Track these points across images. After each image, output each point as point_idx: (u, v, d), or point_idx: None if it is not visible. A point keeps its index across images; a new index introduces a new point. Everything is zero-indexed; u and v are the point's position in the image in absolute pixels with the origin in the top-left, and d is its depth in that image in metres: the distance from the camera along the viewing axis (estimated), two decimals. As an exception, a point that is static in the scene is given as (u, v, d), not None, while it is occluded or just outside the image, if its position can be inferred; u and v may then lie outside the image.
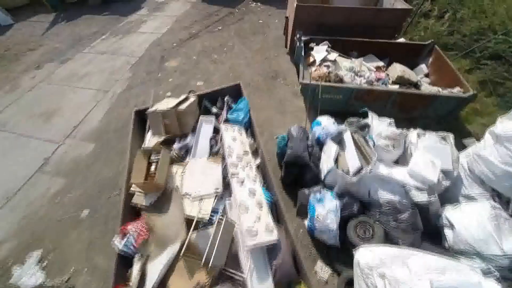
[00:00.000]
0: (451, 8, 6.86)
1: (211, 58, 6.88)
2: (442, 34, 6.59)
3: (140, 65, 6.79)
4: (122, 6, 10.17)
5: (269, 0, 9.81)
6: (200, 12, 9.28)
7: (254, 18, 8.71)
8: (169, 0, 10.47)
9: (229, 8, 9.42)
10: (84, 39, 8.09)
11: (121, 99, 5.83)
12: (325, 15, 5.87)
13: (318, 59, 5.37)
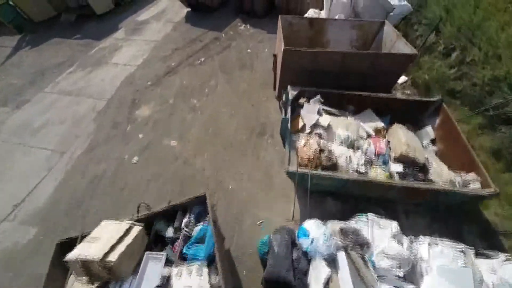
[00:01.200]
0: (459, 45, 5.81)
1: (190, 104, 5.76)
2: (449, 78, 5.60)
3: (108, 112, 5.63)
4: (97, 26, 8.86)
5: (259, 22, 8.63)
6: (182, 37, 8.03)
7: (242, 45, 7.55)
8: (150, 19, 9.18)
9: (215, 32, 8.21)
10: (48, 72, 6.84)
11: (79, 166, 4.73)
12: (317, 61, 4.82)
13: (309, 125, 4.35)
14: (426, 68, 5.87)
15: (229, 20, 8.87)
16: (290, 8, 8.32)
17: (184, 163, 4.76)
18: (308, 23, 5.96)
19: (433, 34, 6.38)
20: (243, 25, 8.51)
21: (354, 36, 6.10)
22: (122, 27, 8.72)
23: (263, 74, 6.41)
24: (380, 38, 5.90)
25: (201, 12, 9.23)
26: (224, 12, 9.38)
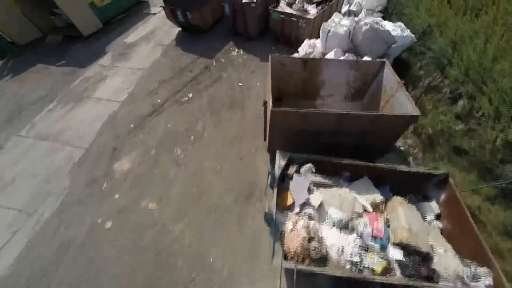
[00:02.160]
0: (466, 91, 5.10)
1: (173, 155, 5.14)
2: (455, 131, 4.95)
3: (84, 164, 5.05)
4: (84, 49, 8.12)
5: (252, 45, 7.89)
6: (171, 64, 7.30)
7: (233, 77, 6.83)
8: (139, 41, 8.45)
9: (206, 59, 7.48)
10: (26, 108, 6.21)
11: (46, 230, 4.20)
12: (309, 121, 4.21)
13: (298, 203, 3.77)
14: (430, 116, 5.21)
15: (221, 42, 8.13)
16: (285, 32, 7.57)
17: (163, 230, 4.22)
18: (301, 63, 5.27)
19: (437, 74, 5.68)
20: (235, 50, 7.78)
21: (351, 76, 5.43)
22: (109, 50, 8.00)
23: (253, 117, 5.75)
24: (380, 80, 5.24)
25: (192, 33, 8.53)
26: (217, 33, 8.60)
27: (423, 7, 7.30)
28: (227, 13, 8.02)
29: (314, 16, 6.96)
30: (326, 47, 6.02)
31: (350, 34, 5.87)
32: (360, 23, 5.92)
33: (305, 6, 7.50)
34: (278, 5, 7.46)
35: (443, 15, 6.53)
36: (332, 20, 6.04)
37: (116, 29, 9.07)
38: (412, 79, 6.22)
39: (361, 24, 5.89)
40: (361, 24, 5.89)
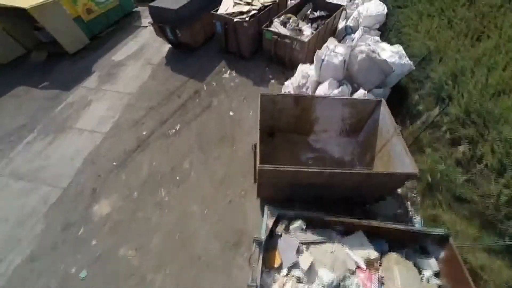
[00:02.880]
0: (467, 134, 4.64)
1: (157, 197, 4.70)
2: (456, 178, 4.54)
3: (61, 207, 4.59)
4: (69, 68, 7.51)
5: (245, 66, 7.35)
6: (159, 88, 6.75)
7: (224, 105, 6.28)
8: (128, 60, 7.86)
9: (196, 82, 6.92)
10: (4, 140, 5.68)
11: (14, 280, 3.81)
12: (299, 178, 3.80)
13: (286, 265, 3.42)
14: (428, 161, 4.81)
15: (213, 62, 7.57)
16: (278, 53, 7.02)
17: (142, 281, 3.82)
18: (293, 101, 4.84)
19: (436, 109, 5.26)
20: (227, 71, 7.25)
21: (346, 113, 5.03)
22: (96, 70, 7.44)
23: (244, 154, 5.26)
24: (376, 118, 4.85)
25: (183, 51, 7.98)
26: (208, 50, 8.02)
27: (422, 27, 6.80)
28: (218, 31, 7.46)
29: (308, 38, 6.44)
30: (320, 76, 5.54)
31: (345, 63, 5.40)
32: (356, 51, 5.44)
33: (299, 25, 6.95)
34: (271, 24, 6.90)
35: (443, 39, 6.06)
36: (326, 46, 5.54)
37: (105, 45, 8.49)
38: (411, 109, 5.76)
39: (357, 52, 5.41)
40: (357, 52, 5.41)
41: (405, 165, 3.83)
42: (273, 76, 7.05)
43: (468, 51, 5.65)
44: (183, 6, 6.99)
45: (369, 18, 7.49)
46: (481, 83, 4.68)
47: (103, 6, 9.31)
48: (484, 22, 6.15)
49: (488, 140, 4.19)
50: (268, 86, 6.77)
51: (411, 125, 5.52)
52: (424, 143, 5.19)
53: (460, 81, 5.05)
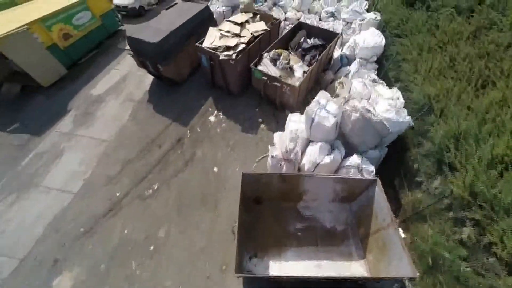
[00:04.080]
0: (471, 217, 3.77)
1: (127, 270, 4.01)
2: (460, 267, 3.84)
3: (15, 281, 3.90)
4: (44, 104, 6.59)
5: (234, 109, 6.52)
6: (138, 135, 5.87)
7: (208, 157, 5.44)
8: (108, 95, 6.89)
9: (179, 126, 6.00)
10: None
11: None
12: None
13: None
14: (430, 241, 4.12)
15: (199, 99, 6.63)
16: (269, 94, 6.12)
17: None
18: (279, 178, 4.12)
19: (438, 179, 4.50)
20: (214, 112, 6.36)
21: (338, 188, 4.48)
22: (73, 108, 6.51)
23: (227, 221, 4.51)
24: (372, 196, 4.26)
25: (168, 84, 7.10)
26: (195, 83, 7.06)
27: (423, 66, 5.85)
28: (204, 65, 6.53)
29: (300, 81, 5.55)
30: (311, 135, 4.74)
31: (337, 125, 4.57)
32: (349, 108, 4.58)
33: (291, 61, 6.02)
34: (261, 60, 5.99)
35: (444, 85, 5.21)
36: (317, 102, 4.69)
37: (84, 74, 7.53)
38: (409, 171, 4.99)
39: (350, 110, 4.57)
40: (350, 110, 4.57)
41: (403, 265, 3.21)
42: (264, 119, 6.19)
43: (472, 101, 4.85)
44: (164, 39, 6.02)
45: (366, 50, 6.56)
46: (487, 159, 3.93)
47: (83, 28, 8.27)
48: (489, 63, 5.31)
49: (496, 229, 3.52)
50: (257, 133, 5.92)
51: (410, 192, 4.78)
52: (425, 212, 4.50)
53: (463, 148, 4.30)
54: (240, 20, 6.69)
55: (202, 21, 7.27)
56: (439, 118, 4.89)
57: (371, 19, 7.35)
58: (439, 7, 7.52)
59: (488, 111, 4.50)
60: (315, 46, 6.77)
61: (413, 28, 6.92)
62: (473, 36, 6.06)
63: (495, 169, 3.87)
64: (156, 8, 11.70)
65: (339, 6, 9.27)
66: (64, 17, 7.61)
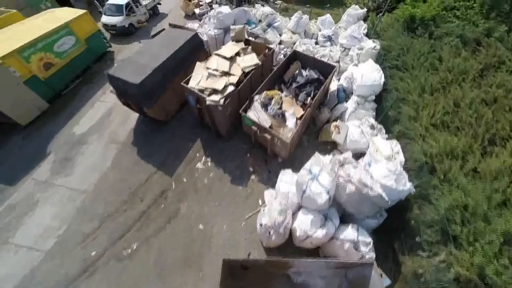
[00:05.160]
0: None
1: None
2: None
3: None
4: (21, 144, 6.05)
5: (223, 154, 5.82)
6: (119, 185, 5.33)
7: (193, 212, 4.92)
8: (90, 133, 6.26)
9: (164, 175, 5.45)
10: None
11: None
12: None
13: None
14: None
15: (186, 142, 6.05)
16: (260, 141, 5.55)
17: None
18: (266, 264, 3.62)
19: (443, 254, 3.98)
20: (202, 158, 5.71)
21: (331, 264, 3.79)
22: (52, 151, 5.91)
23: (211, 285, 4.10)
24: (368, 276, 3.66)
25: (154, 122, 6.43)
26: (182, 122, 6.48)
27: (424, 112, 5.19)
28: (191, 104, 5.94)
29: (292, 133, 4.86)
30: (302, 203, 4.19)
31: (330, 200, 3.99)
32: (342, 180, 4.03)
33: (283, 106, 5.43)
34: (251, 103, 5.40)
35: (447, 141, 4.63)
36: (308, 171, 4.10)
37: (67, 107, 6.92)
38: (410, 233, 4.41)
39: (344, 181, 4.03)
40: (344, 181, 4.03)
41: None
42: (255, 167, 5.58)
43: (479, 163, 4.30)
44: (147, 78, 5.41)
45: (364, 88, 5.95)
46: (498, 243, 3.42)
47: (66, 55, 7.62)
48: (498, 112, 4.72)
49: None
50: (247, 185, 5.34)
51: (411, 258, 4.27)
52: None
53: (470, 224, 3.79)
54: (230, 53, 6.07)
55: (191, 52, 6.65)
56: (442, 182, 4.36)
57: (370, 49, 6.72)
58: (443, 35, 6.90)
59: (497, 176, 3.99)
60: (310, 81, 6.18)
61: (414, 60, 6.31)
62: (479, 75, 5.47)
63: (508, 251, 3.37)
64: (147, 25, 11.00)
65: (337, 28, 8.62)
66: (44, 45, 6.96)
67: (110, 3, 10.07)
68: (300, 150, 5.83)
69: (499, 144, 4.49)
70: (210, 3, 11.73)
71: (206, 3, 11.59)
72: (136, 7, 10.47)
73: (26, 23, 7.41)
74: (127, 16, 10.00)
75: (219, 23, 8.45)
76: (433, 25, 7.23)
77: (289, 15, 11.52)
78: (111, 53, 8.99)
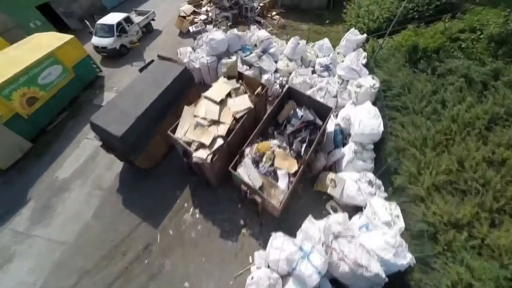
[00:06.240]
0: None
1: None
2: None
3: None
4: (2, 188, 5.65)
5: (213, 205, 5.41)
6: (101, 237, 4.96)
7: (179, 269, 4.53)
8: (74, 178, 5.83)
9: (149, 227, 5.05)
10: None
11: None
12: None
13: None
14: None
15: (174, 190, 5.64)
16: (250, 198, 5.17)
17: None
18: None
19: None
20: (190, 209, 5.30)
21: None
22: (32, 197, 5.52)
23: None
24: None
25: (140, 168, 5.92)
26: (171, 167, 6.04)
27: (426, 175, 4.67)
28: (179, 152, 5.49)
29: (284, 195, 4.39)
30: (292, 275, 3.82)
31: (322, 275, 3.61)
32: (335, 259, 3.61)
33: (275, 162, 4.93)
34: (242, 157, 4.93)
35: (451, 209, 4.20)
36: (299, 248, 3.70)
37: (52, 146, 6.48)
38: None
39: (337, 260, 3.62)
40: (337, 260, 3.62)
41: None
42: (246, 220, 5.17)
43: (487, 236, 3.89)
44: (130, 129, 4.92)
45: (362, 137, 5.48)
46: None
47: (52, 87, 7.11)
48: (506, 177, 4.26)
49: None
50: (237, 240, 4.94)
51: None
52: None
53: None
54: (220, 95, 5.57)
55: (180, 90, 6.16)
56: (445, 251, 3.97)
57: (369, 88, 6.21)
58: (446, 72, 6.36)
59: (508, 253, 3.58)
60: (305, 124, 5.71)
61: (416, 103, 5.80)
62: (485, 127, 4.98)
63: None
64: (140, 45, 10.41)
65: (335, 56, 8.05)
66: (27, 78, 6.48)
67: (100, 23, 9.47)
68: (295, 201, 5.44)
69: (509, 213, 4.05)
70: (205, 21, 11.09)
71: (201, 21, 10.96)
72: (128, 26, 9.85)
73: (8, 53, 6.90)
74: (118, 37, 9.40)
75: (212, 50, 7.91)
76: (437, 59, 6.66)
77: (286, 32, 10.95)
78: (101, 79, 8.48)
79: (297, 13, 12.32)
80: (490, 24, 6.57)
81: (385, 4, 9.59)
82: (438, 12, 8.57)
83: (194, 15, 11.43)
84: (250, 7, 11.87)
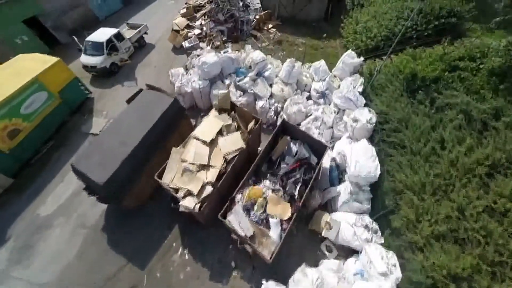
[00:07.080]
0: None
1: None
2: None
3: None
4: None
5: (204, 245, 5.13)
6: (84, 278, 4.65)
7: None
8: (57, 215, 5.47)
9: (135, 268, 4.78)
10: None
11: None
12: None
13: None
14: None
15: (162, 229, 5.34)
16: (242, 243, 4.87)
17: None
18: None
19: None
20: (179, 249, 5.06)
21: None
22: (12, 236, 5.17)
23: None
24: None
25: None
26: (160, 204, 5.67)
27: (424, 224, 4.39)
28: (168, 194, 5.14)
29: (275, 248, 4.09)
30: None
31: None
32: None
33: (267, 209, 4.60)
34: (232, 204, 4.59)
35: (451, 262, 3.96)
36: None
37: (35, 181, 6.08)
38: None
39: None
40: None
41: None
42: (237, 261, 4.92)
43: None
44: (113, 176, 4.53)
45: (358, 178, 5.19)
46: None
47: (36, 115, 6.65)
48: (508, 228, 4.02)
49: None
50: (228, 283, 4.70)
51: None
52: None
53: None
54: (210, 134, 5.22)
55: (170, 124, 5.78)
56: None
57: (365, 124, 5.89)
58: (445, 107, 6.05)
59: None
60: (298, 165, 5.39)
61: (413, 142, 5.50)
62: (486, 174, 4.71)
63: None
64: (132, 62, 9.91)
65: (330, 80, 7.67)
66: (8, 109, 6.04)
67: (89, 40, 8.95)
68: (290, 239, 5.14)
69: (511, 266, 3.82)
70: (199, 35, 10.60)
71: (195, 36, 10.46)
72: (119, 43, 9.33)
73: (-13, 80, 6.41)
74: (108, 56, 8.91)
75: (204, 74, 7.49)
76: (435, 89, 6.34)
77: (283, 48, 10.53)
78: (91, 101, 8.05)
79: (294, 25, 11.86)
80: (491, 52, 6.26)
81: (383, 20, 9.18)
82: (437, 33, 8.21)
83: (188, 29, 10.92)
84: (246, 20, 11.38)
